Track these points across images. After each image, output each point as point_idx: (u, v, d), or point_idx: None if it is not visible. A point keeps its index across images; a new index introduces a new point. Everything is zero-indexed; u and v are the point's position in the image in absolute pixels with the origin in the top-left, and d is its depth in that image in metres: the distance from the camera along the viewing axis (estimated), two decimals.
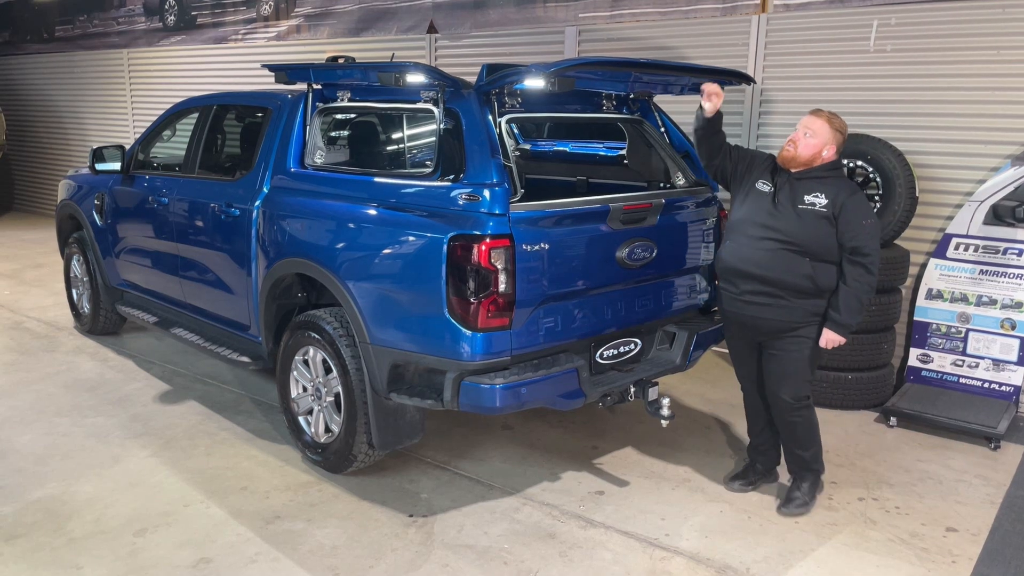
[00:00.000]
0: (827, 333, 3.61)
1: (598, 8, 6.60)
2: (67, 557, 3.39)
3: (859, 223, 3.54)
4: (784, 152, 3.65)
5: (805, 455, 3.83)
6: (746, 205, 3.73)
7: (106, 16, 11.04)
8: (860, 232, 3.53)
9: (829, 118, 3.66)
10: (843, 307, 3.55)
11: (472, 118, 3.57)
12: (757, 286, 3.64)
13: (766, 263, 3.60)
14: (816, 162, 3.62)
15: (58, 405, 4.99)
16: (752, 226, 3.65)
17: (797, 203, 3.59)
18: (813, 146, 3.61)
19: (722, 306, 3.87)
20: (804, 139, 3.61)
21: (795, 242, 3.56)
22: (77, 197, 6.19)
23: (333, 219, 3.93)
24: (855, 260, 3.54)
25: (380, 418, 3.83)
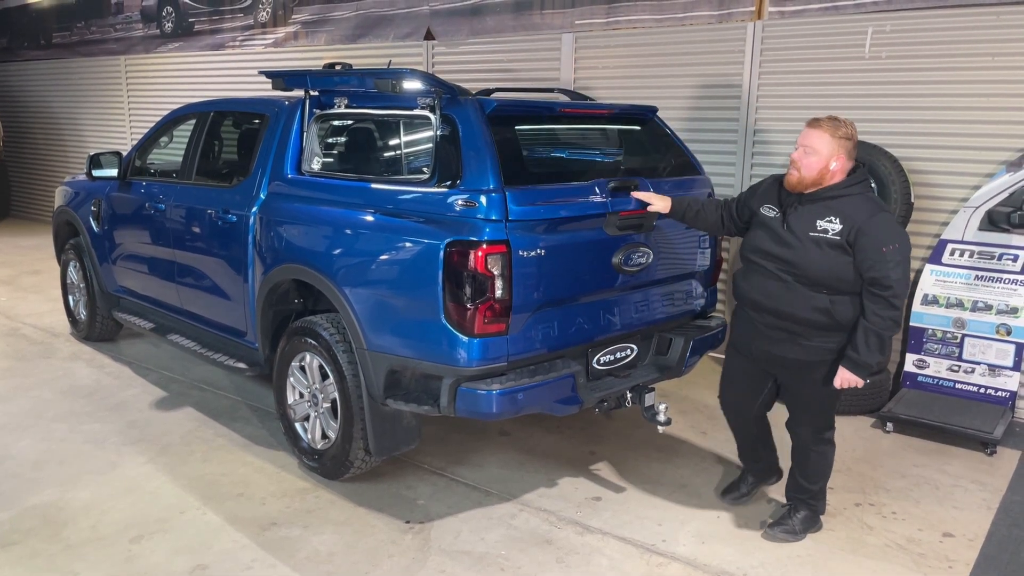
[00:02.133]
0: (843, 372, 3.29)
1: (594, 15, 6.62)
2: (63, 563, 3.38)
3: (878, 251, 3.13)
4: (789, 178, 3.34)
5: (811, 488, 3.65)
6: (754, 232, 3.48)
7: (104, 23, 11.06)
8: (879, 261, 3.13)
9: (830, 127, 3.28)
10: (861, 345, 3.21)
11: (469, 124, 3.58)
12: (772, 320, 3.41)
13: (778, 296, 3.35)
14: (827, 180, 3.27)
15: (54, 411, 4.98)
16: (762, 256, 3.40)
17: (808, 230, 3.26)
18: (816, 164, 3.26)
19: (736, 328, 3.66)
20: (805, 159, 3.27)
21: (808, 275, 3.25)
22: (74, 203, 6.19)
23: (330, 225, 3.93)
24: (875, 293, 3.16)
25: (377, 424, 3.83)
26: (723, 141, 6.05)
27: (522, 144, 3.89)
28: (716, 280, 4.60)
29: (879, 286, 3.15)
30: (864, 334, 3.21)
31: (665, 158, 4.44)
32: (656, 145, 4.49)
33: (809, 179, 3.28)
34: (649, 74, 6.39)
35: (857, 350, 3.23)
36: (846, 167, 3.30)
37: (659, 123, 4.52)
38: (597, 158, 4.64)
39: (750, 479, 3.97)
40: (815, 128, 3.30)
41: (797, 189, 3.32)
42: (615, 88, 6.54)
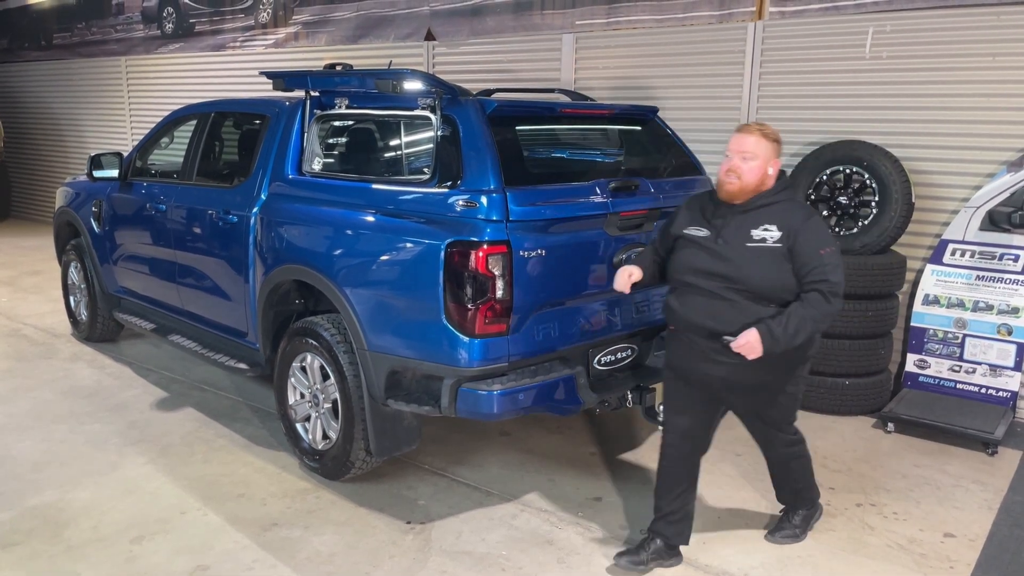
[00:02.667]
0: (750, 335, 2.98)
1: (595, 15, 6.62)
2: (64, 564, 3.38)
3: (816, 253, 3.02)
4: (728, 187, 3.11)
5: (800, 487, 3.59)
6: (682, 253, 3.22)
7: (104, 24, 11.06)
8: (819, 265, 3.01)
9: (762, 131, 3.15)
10: (785, 322, 2.98)
11: (469, 125, 3.58)
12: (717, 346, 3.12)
13: (725, 317, 3.07)
14: (764, 186, 3.12)
15: (55, 412, 4.99)
16: (698, 275, 3.12)
17: (744, 241, 3.07)
18: (758, 170, 3.10)
19: (673, 359, 3.33)
20: (745, 165, 3.09)
21: (752, 288, 3.04)
22: (75, 204, 6.19)
23: (331, 226, 3.93)
24: (815, 287, 3.01)
25: (378, 424, 3.83)
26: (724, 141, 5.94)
27: (523, 144, 3.89)
28: None
29: (820, 283, 3.01)
30: (792, 315, 2.99)
31: (666, 158, 4.44)
32: (657, 145, 4.49)
33: (751, 186, 3.10)
34: (650, 74, 6.39)
35: (780, 325, 2.98)
36: (776, 176, 3.17)
37: (660, 123, 4.52)
38: (598, 158, 4.64)
39: (658, 543, 3.41)
40: (749, 133, 3.15)
41: (737, 199, 3.12)
42: (616, 88, 6.54)
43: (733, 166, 3.12)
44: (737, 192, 3.11)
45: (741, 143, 3.13)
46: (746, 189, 3.11)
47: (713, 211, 3.19)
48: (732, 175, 3.11)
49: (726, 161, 3.14)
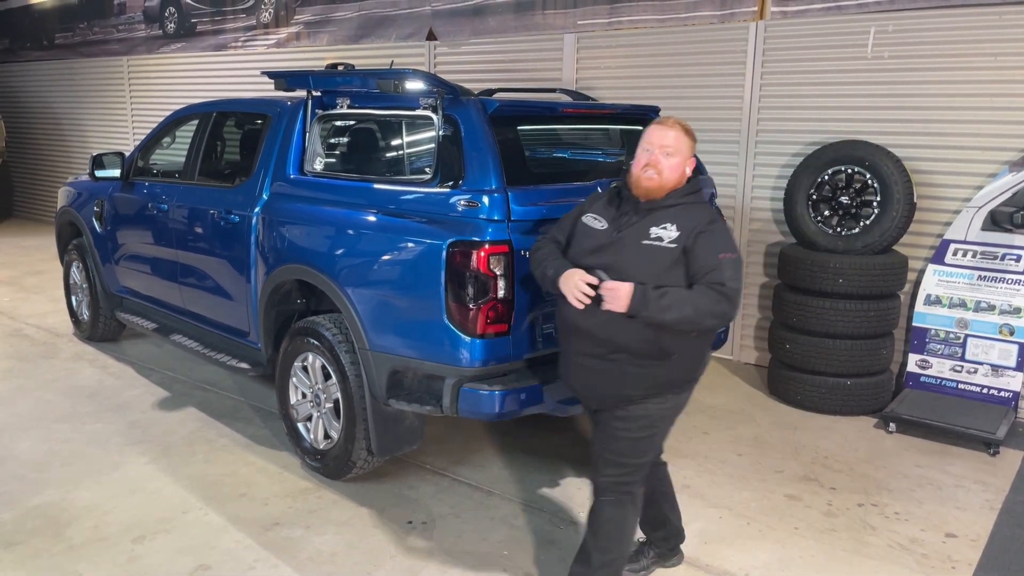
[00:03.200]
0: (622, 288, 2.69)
1: (596, 15, 6.62)
2: (66, 564, 3.38)
3: (714, 255, 2.73)
4: (646, 183, 2.83)
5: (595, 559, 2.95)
6: (573, 244, 2.97)
7: (106, 23, 11.07)
8: (716, 267, 2.72)
9: (682, 126, 2.91)
10: (666, 292, 2.68)
11: (471, 125, 3.58)
12: (588, 346, 2.86)
13: (594, 315, 2.79)
14: (679, 185, 2.88)
15: (57, 412, 4.99)
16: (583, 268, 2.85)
17: (641, 238, 2.79)
18: (678, 166, 2.85)
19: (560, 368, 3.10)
20: (667, 160, 2.83)
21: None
22: (77, 204, 6.20)
23: (332, 225, 3.93)
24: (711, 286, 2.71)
25: (379, 424, 3.83)
26: (725, 141, 6.04)
27: (524, 144, 3.89)
28: None
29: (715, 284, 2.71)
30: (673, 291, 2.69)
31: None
32: None
33: (669, 184, 2.84)
34: (651, 74, 6.39)
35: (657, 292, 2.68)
36: (690, 174, 2.93)
37: None
38: (599, 158, 4.64)
39: (651, 552, 3.36)
40: (670, 128, 2.89)
41: (653, 196, 2.84)
42: (617, 88, 6.54)
43: (653, 161, 2.84)
44: (656, 189, 2.84)
45: (662, 137, 2.86)
46: (665, 187, 2.84)
47: (619, 204, 2.92)
48: (651, 170, 2.84)
49: (644, 155, 2.86)
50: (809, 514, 3.90)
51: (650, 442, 2.96)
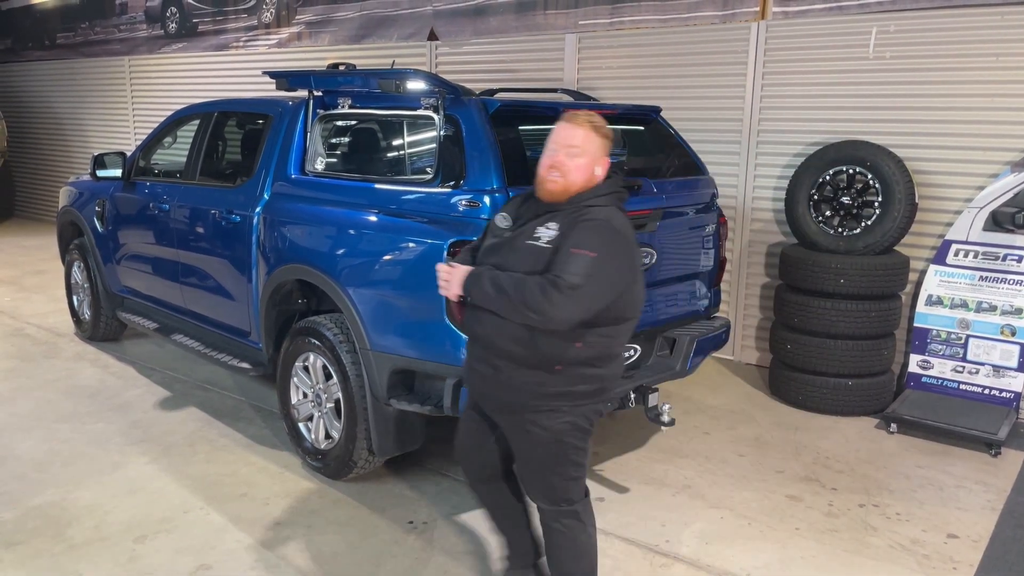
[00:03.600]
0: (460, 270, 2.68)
1: (598, 15, 6.62)
2: (67, 564, 3.38)
3: (567, 251, 2.51)
4: (549, 186, 2.65)
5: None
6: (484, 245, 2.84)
7: (108, 23, 11.08)
8: (563, 260, 2.50)
9: (592, 122, 2.69)
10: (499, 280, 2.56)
11: (472, 125, 3.58)
12: (479, 351, 2.75)
13: (483, 317, 2.66)
14: (588, 187, 2.66)
15: (58, 411, 4.99)
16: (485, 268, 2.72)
17: (527, 238, 2.63)
18: (584, 167, 2.64)
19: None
20: (572, 161, 2.63)
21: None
22: (78, 204, 6.20)
23: (334, 225, 3.94)
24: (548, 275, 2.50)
25: (380, 424, 3.83)
26: (727, 141, 6.04)
27: (525, 144, 3.88)
28: (720, 281, 4.60)
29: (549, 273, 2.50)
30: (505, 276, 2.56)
31: (669, 158, 4.44)
32: (660, 145, 4.49)
33: (575, 187, 2.64)
34: (653, 74, 6.39)
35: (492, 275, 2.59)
36: (603, 176, 2.72)
37: (663, 123, 4.52)
38: None
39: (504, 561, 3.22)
40: (578, 125, 2.67)
41: (557, 199, 2.65)
42: (618, 88, 6.54)
43: (557, 162, 2.64)
44: (560, 192, 2.64)
45: (568, 136, 2.65)
46: (570, 190, 2.63)
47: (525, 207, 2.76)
48: (555, 172, 2.64)
49: (548, 155, 2.67)
50: (810, 515, 3.89)
51: (564, 458, 2.73)
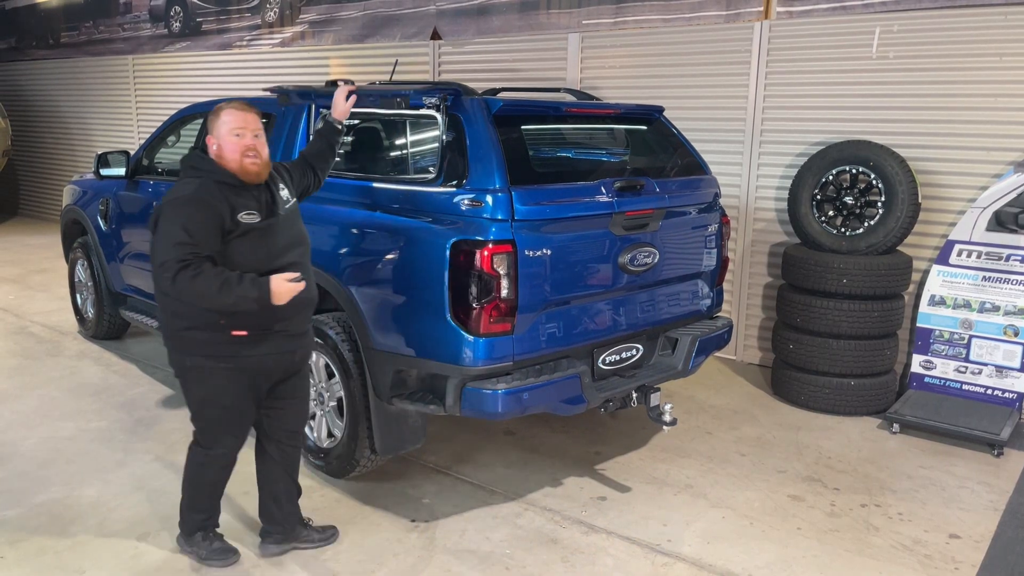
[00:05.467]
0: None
1: (601, 15, 6.62)
2: (70, 561, 3.39)
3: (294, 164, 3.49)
4: (253, 167, 3.02)
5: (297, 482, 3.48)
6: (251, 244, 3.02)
7: (112, 22, 11.10)
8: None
9: (253, 107, 3.13)
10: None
11: (475, 124, 3.58)
12: (310, 312, 3.28)
13: (311, 282, 3.21)
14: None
15: (62, 409, 5.01)
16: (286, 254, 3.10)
17: (286, 206, 3.16)
18: (265, 143, 3.12)
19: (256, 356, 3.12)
20: (260, 141, 3.07)
21: (306, 247, 3.27)
22: (82, 202, 6.21)
23: (336, 224, 3.94)
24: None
25: (382, 423, 3.84)
26: (730, 141, 6.04)
27: (528, 144, 3.89)
28: (722, 280, 4.60)
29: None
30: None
31: (671, 158, 4.44)
32: (662, 145, 4.49)
33: (267, 161, 3.11)
34: (656, 74, 6.39)
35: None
36: None
37: (665, 123, 4.52)
38: (603, 158, 4.64)
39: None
40: (248, 111, 3.08)
41: (263, 177, 3.09)
42: (621, 88, 6.54)
43: (250, 144, 3.02)
44: (263, 169, 3.08)
45: (249, 121, 3.05)
46: (268, 165, 3.11)
47: (238, 194, 3.02)
48: (253, 153, 3.03)
49: (237, 141, 3.00)
50: (812, 514, 3.89)
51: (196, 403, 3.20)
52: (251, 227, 3.01)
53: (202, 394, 3.16)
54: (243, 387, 3.15)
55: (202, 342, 3.06)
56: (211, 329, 3.03)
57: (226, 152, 3.01)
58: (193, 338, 3.07)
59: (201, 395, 3.17)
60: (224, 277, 2.87)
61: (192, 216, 2.91)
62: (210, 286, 2.84)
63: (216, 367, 3.08)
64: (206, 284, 2.84)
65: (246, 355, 3.08)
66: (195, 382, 3.15)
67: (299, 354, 3.29)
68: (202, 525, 3.39)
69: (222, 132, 3.02)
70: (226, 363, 3.08)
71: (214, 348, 3.06)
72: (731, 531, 3.73)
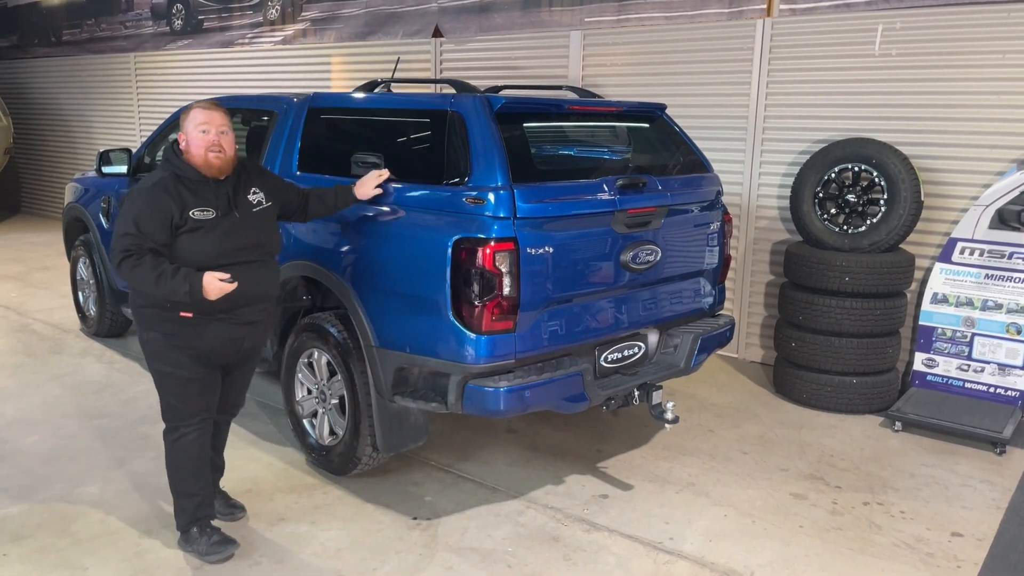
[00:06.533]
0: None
1: (604, 12, 6.61)
2: (73, 558, 3.40)
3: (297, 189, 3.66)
4: (215, 161, 3.18)
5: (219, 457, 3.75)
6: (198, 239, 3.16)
7: (113, 20, 11.10)
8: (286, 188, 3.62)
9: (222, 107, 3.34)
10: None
11: (477, 122, 3.58)
12: (267, 305, 3.43)
13: (269, 281, 3.40)
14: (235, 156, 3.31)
15: (64, 407, 5.01)
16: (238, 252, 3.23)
17: (251, 208, 3.33)
18: (233, 141, 3.28)
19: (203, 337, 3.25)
20: (226, 139, 3.23)
21: (273, 249, 3.42)
22: (84, 200, 6.22)
23: (338, 222, 3.94)
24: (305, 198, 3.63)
25: (384, 421, 3.84)
26: (732, 139, 6.03)
27: (530, 141, 3.89)
28: (724, 278, 4.60)
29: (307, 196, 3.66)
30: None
31: (674, 156, 4.44)
32: (665, 143, 4.49)
33: (232, 157, 3.26)
34: (658, 71, 6.38)
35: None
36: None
37: (668, 121, 4.51)
38: (605, 156, 4.63)
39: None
40: (215, 109, 3.27)
41: (225, 172, 3.25)
42: (623, 85, 6.54)
43: (215, 140, 3.19)
44: (226, 165, 3.23)
45: (213, 118, 3.22)
46: (231, 161, 3.25)
47: (196, 190, 3.19)
48: (217, 148, 3.19)
49: (203, 137, 3.18)
50: (814, 513, 3.89)
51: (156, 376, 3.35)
52: (201, 223, 3.16)
53: (159, 367, 3.32)
54: (196, 363, 3.30)
55: (156, 319, 3.25)
56: (162, 308, 3.21)
57: (192, 147, 3.20)
58: (149, 315, 3.27)
59: (158, 368, 3.33)
60: (161, 269, 3.04)
61: (142, 210, 3.11)
62: (147, 276, 3.05)
63: (168, 343, 3.26)
64: (143, 274, 3.05)
65: (193, 335, 3.24)
66: (152, 356, 3.33)
67: (248, 341, 3.40)
68: (196, 515, 3.43)
69: (189, 128, 3.21)
70: (175, 340, 3.25)
71: (165, 326, 3.24)
72: (733, 529, 3.73)
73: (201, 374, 3.32)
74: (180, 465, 3.41)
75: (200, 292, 3.05)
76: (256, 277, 3.30)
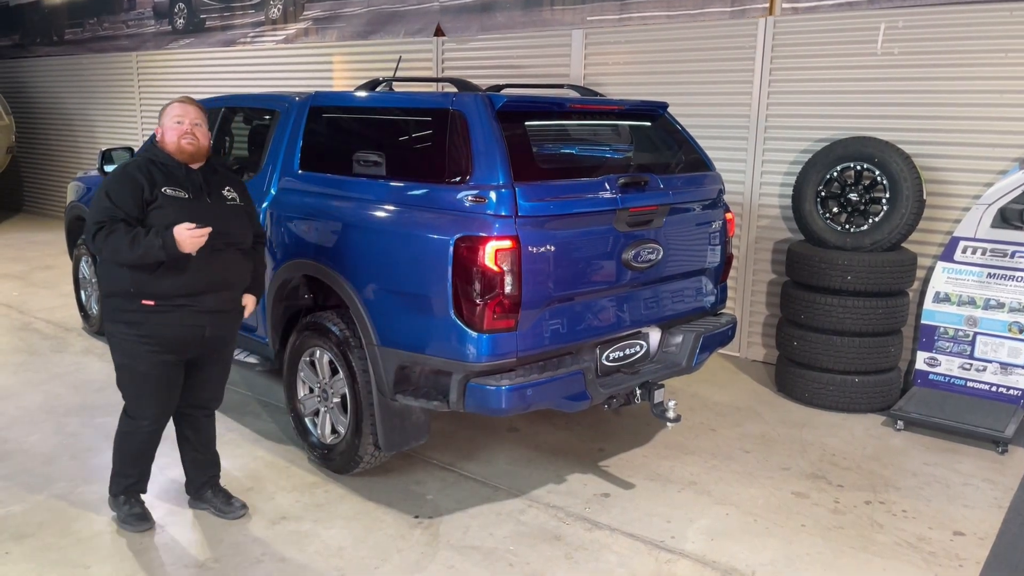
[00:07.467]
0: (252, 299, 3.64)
1: (605, 11, 6.61)
2: (75, 557, 3.40)
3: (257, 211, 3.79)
4: (188, 147, 3.35)
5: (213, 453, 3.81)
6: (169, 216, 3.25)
7: (115, 19, 11.11)
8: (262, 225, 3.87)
9: (198, 103, 3.49)
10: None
11: (478, 120, 3.58)
12: (232, 295, 3.50)
13: (233, 269, 3.48)
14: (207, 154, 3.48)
15: (66, 405, 5.02)
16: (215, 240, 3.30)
17: (224, 201, 3.48)
18: (207, 133, 3.46)
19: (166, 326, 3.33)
20: (200, 129, 3.41)
21: (241, 241, 3.50)
22: (86, 199, 6.22)
23: (340, 220, 3.94)
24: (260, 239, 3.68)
25: (386, 419, 3.84)
26: (734, 137, 6.03)
27: (532, 140, 3.88)
28: (726, 277, 4.59)
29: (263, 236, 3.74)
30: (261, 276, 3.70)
31: (676, 154, 4.43)
32: (667, 141, 4.48)
33: (206, 147, 3.43)
34: (660, 70, 6.38)
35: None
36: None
37: (670, 119, 4.51)
38: (607, 154, 4.63)
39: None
40: (191, 103, 3.44)
41: (197, 159, 3.41)
42: (625, 84, 6.53)
43: (188, 130, 3.37)
44: (198, 153, 3.40)
45: (190, 112, 3.40)
46: (204, 150, 3.42)
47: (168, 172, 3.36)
48: (191, 137, 3.37)
49: (177, 127, 3.36)
50: (816, 511, 3.89)
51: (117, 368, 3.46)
52: (172, 201, 3.29)
53: (119, 360, 3.43)
54: (156, 356, 3.37)
55: (118, 308, 3.34)
56: (124, 297, 3.31)
57: (166, 136, 3.38)
58: (112, 305, 3.37)
59: (119, 361, 3.44)
60: (133, 232, 3.18)
61: (113, 186, 3.29)
62: (121, 241, 3.16)
63: (129, 333, 3.34)
64: (118, 240, 3.17)
65: (154, 323, 3.32)
66: (114, 348, 3.43)
67: (209, 331, 3.45)
68: (127, 488, 3.62)
69: (165, 121, 3.40)
70: (136, 330, 3.32)
71: (127, 315, 3.33)
72: (735, 528, 3.73)
73: (160, 371, 3.40)
74: (125, 450, 3.56)
75: (174, 245, 3.15)
76: (221, 263, 3.39)
